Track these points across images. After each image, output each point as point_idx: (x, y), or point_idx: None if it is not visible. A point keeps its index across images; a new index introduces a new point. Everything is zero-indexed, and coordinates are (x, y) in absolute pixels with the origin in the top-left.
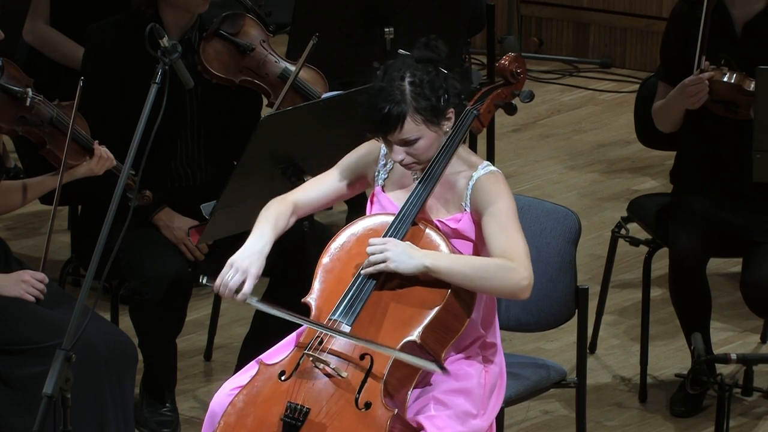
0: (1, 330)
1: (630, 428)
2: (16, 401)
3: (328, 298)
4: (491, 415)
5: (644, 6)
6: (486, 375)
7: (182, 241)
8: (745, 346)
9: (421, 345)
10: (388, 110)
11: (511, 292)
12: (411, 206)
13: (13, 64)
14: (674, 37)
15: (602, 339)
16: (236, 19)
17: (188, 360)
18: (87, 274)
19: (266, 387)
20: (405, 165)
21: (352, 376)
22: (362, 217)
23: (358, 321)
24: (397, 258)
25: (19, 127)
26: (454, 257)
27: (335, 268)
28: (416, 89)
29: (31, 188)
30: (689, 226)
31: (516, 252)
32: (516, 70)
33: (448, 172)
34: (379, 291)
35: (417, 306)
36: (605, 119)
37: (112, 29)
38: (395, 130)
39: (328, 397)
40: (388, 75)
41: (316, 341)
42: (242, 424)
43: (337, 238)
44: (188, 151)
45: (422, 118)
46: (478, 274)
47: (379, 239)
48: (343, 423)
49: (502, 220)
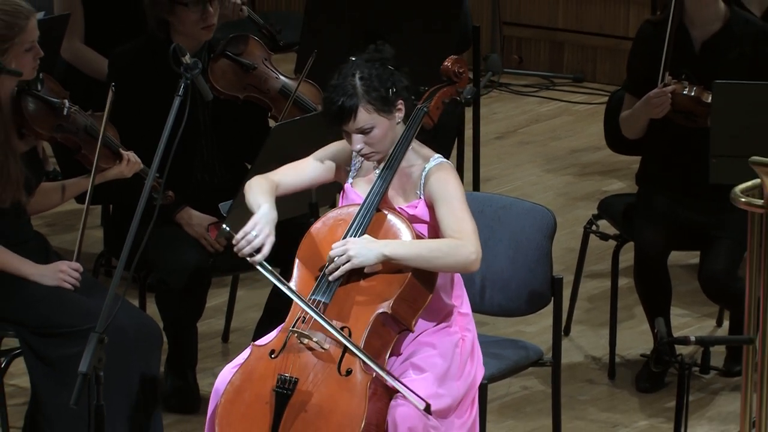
0: (42, 315)
1: (600, 402)
2: (54, 378)
3: (307, 282)
4: (467, 378)
5: (612, 27)
6: (462, 343)
7: (202, 236)
8: (703, 330)
9: (392, 315)
10: (341, 103)
11: (462, 266)
12: (374, 196)
13: (51, 79)
14: (639, 55)
15: (575, 323)
16: (240, 40)
17: (208, 342)
18: (118, 266)
19: (259, 365)
20: (363, 155)
21: (333, 348)
22: (332, 209)
23: (336, 297)
24: (358, 254)
25: (57, 134)
26: (409, 243)
27: (311, 255)
28: (365, 83)
29: (67, 189)
30: (652, 222)
31: (464, 230)
32: (458, 70)
33: (405, 165)
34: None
35: (387, 279)
36: (578, 128)
37: (132, 53)
38: (350, 119)
39: (313, 367)
40: (342, 74)
41: (300, 320)
42: (240, 400)
43: (311, 229)
44: (205, 157)
45: (373, 108)
46: (432, 254)
47: (339, 242)
48: (329, 388)
49: (451, 204)
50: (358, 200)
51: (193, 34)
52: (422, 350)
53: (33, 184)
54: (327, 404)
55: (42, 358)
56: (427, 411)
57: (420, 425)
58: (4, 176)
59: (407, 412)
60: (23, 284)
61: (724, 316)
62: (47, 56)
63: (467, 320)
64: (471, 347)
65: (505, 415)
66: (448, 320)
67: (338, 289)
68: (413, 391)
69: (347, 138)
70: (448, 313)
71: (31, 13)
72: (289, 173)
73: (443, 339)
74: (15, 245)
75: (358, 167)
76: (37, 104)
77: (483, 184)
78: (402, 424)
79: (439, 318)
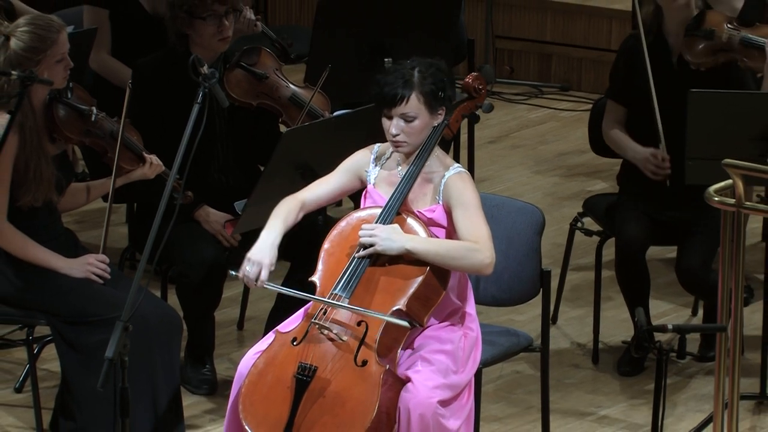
0: (71, 305)
1: (585, 385)
2: (83, 363)
3: (330, 277)
4: (470, 372)
5: (596, 40)
6: (465, 339)
7: (219, 233)
8: (679, 318)
9: (407, 312)
10: (399, 84)
11: (476, 269)
12: (396, 198)
13: (80, 88)
14: (622, 66)
15: (562, 312)
16: (253, 52)
17: (224, 329)
18: (141, 260)
19: (282, 351)
20: (396, 141)
21: (350, 340)
22: (356, 210)
23: (355, 294)
24: (383, 242)
25: (86, 139)
26: (430, 240)
27: (335, 251)
28: (422, 76)
29: (94, 189)
30: (632, 220)
31: (480, 236)
32: (478, 87)
33: (426, 171)
34: (372, 269)
35: (402, 280)
36: (564, 133)
37: (154, 63)
38: (401, 103)
39: (331, 357)
40: (401, 64)
41: (321, 312)
42: (263, 382)
43: (336, 227)
44: (221, 159)
45: (423, 99)
46: (450, 254)
47: (369, 225)
48: (345, 377)
49: (468, 210)
50: (381, 201)
51: (210, 46)
52: (429, 344)
53: (63, 184)
54: (343, 392)
55: (71, 344)
56: (412, 325)
57: (429, 412)
58: (37, 177)
59: (417, 401)
60: (54, 276)
61: (699, 305)
62: (76, 67)
63: (471, 319)
64: (473, 344)
65: (498, 396)
66: (454, 318)
67: (357, 286)
68: (396, 319)
69: (387, 121)
70: (454, 311)
71: (62, 27)
72: (315, 189)
73: (449, 335)
74: (47, 240)
75: (379, 170)
76: (67, 111)
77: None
78: (414, 412)
79: (446, 315)
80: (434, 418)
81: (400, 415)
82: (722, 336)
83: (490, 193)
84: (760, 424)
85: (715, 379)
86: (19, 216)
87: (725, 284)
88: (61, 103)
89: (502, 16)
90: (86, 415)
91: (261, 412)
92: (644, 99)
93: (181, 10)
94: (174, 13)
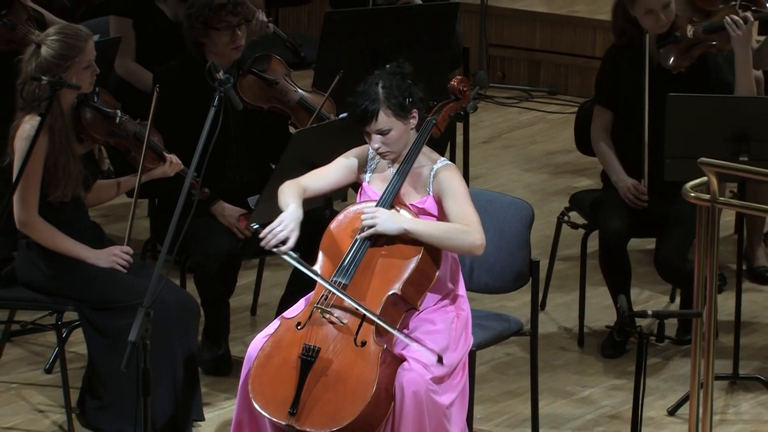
0: (97, 292)
1: (571, 366)
2: (108, 346)
3: (330, 264)
4: (461, 350)
5: (582, 48)
6: (457, 320)
7: (233, 226)
8: (658, 305)
9: (402, 296)
10: (365, 106)
11: (468, 249)
12: (389, 192)
13: (106, 92)
14: (606, 74)
15: (550, 299)
16: (264, 59)
17: (238, 315)
18: (162, 250)
19: (287, 334)
20: (381, 153)
21: (350, 323)
22: (352, 204)
23: (354, 279)
24: (383, 222)
25: (111, 139)
26: (427, 223)
27: (335, 240)
28: (387, 91)
29: (119, 185)
30: (615, 214)
31: (471, 221)
32: (463, 89)
33: (416, 166)
34: (370, 252)
35: (398, 265)
36: (552, 134)
37: (173, 70)
38: (372, 121)
39: (333, 338)
40: (367, 83)
41: (323, 298)
42: (270, 364)
43: (335, 220)
44: (235, 158)
45: (392, 112)
46: (445, 235)
47: (371, 208)
48: (346, 357)
49: (457, 198)
50: (375, 196)
51: (225, 53)
52: (423, 326)
53: (90, 181)
54: (344, 370)
55: (97, 329)
56: (440, 362)
57: (422, 389)
58: (66, 174)
59: (412, 378)
60: (82, 266)
61: (676, 293)
62: (102, 72)
63: (462, 301)
64: (464, 323)
65: (490, 377)
66: (446, 300)
67: (356, 272)
68: (426, 346)
69: (367, 138)
70: (446, 294)
71: (89, 36)
72: (316, 177)
73: (441, 316)
74: (74, 233)
75: (373, 168)
76: (93, 113)
77: (472, 181)
78: (408, 388)
79: (439, 298)
80: (427, 395)
81: (396, 391)
82: (698, 321)
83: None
84: (733, 402)
85: (692, 361)
86: (49, 210)
87: (701, 273)
88: (88, 106)
89: (494, 26)
90: (111, 394)
91: (269, 391)
92: (630, 104)
93: (197, 21)
94: (191, 23)
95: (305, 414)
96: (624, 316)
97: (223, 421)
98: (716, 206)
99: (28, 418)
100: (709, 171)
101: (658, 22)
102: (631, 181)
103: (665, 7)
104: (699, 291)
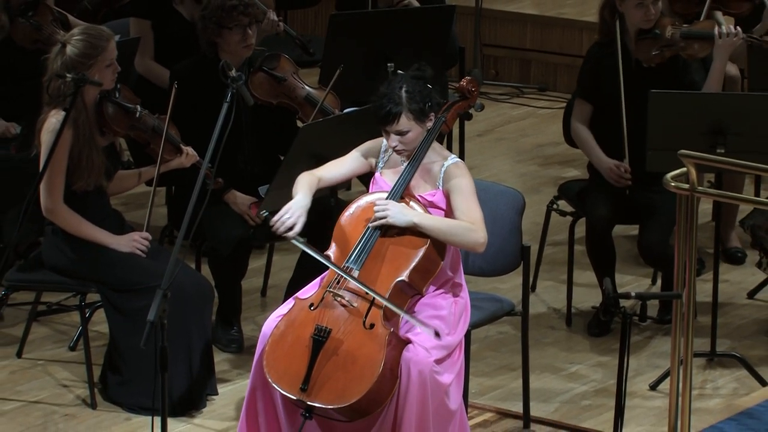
0: (118, 275)
1: (559, 344)
2: (128, 325)
3: (342, 251)
4: (460, 334)
5: (570, 48)
6: (455, 306)
7: (245, 213)
8: (641, 287)
9: (409, 283)
10: (389, 109)
11: (471, 246)
12: (400, 185)
13: (126, 88)
14: (588, 70)
15: (540, 281)
16: (274, 58)
17: (250, 296)
18: (179, 236)
19: (300, 315)
20: (397, 150)
21: (360, 306)
22: (364, 194)
23: (365, 266)
24: (394, 215)
25: (131, 132)
26: (434, 218)
27: (347, 229)
28: (410, 95)
29: (140, 175)
30: (600, 202)
31: (476, 219)
32: (471, 89)
33: (426, 161)
34: (380, 244)
35: (406, 254)
36: (542, 127)
37: (188, 67)
38: (393, 123)
39: (344, 320)
40: (391, 85)
41: (335, 281)
42: (284, 342)
43: (348, 208)
44: (246, 150)
45: (413, 117)
46: (451, 231)
47: (383, 200)
48: (356, 338)
49: (465, 196)
50: (386, 187)
51: (236, 52)
52: (424, 310)
53: (111, 171)
54: (353, 350)
55: (118, 309)
56: (437, 336)
57: (426, 369)
58: (89, 165)
59: (416, 359)
60: (104, 251)
61: (658, 276)
62: (123, 70)
63: (462, 288)
64: (462, 308)
65: (485, 354)
66: (447, 287)
67: (366, 260)
68: (425, 323)
69: (385, 135)
70: (446, 281)
71: (111, 36)
72: (331, 168)
73: (441, 302)
74: (97, 220)
75: (386, 160)
76: (115, 108)
77: None
78: (413, 369)
79: (441, 284)
80: (430, 374)
81: (401, 371)
82: (678, 302)
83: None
84: (710, 378)
85: (672, 340)
86: (73, 198)
87: (680, 257)
88: (110, 102)
89: (488, 27)
90: (131, 370)
91: (282, 367)
92: (610, 98)
93: (210, 22)
94: (204, 24)
95: (315, 390)
96: (609, 298)
97: (235, 396)
98: (695, 195)
99: (53, 393)
100: (689, 162)
101: (647, 14)
102: (612, 161)
103: (655, 2)
104: (679, 274)
